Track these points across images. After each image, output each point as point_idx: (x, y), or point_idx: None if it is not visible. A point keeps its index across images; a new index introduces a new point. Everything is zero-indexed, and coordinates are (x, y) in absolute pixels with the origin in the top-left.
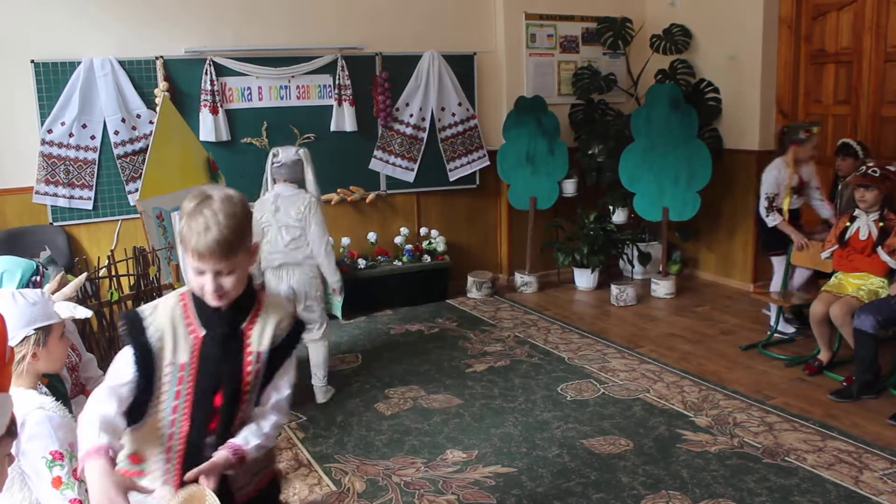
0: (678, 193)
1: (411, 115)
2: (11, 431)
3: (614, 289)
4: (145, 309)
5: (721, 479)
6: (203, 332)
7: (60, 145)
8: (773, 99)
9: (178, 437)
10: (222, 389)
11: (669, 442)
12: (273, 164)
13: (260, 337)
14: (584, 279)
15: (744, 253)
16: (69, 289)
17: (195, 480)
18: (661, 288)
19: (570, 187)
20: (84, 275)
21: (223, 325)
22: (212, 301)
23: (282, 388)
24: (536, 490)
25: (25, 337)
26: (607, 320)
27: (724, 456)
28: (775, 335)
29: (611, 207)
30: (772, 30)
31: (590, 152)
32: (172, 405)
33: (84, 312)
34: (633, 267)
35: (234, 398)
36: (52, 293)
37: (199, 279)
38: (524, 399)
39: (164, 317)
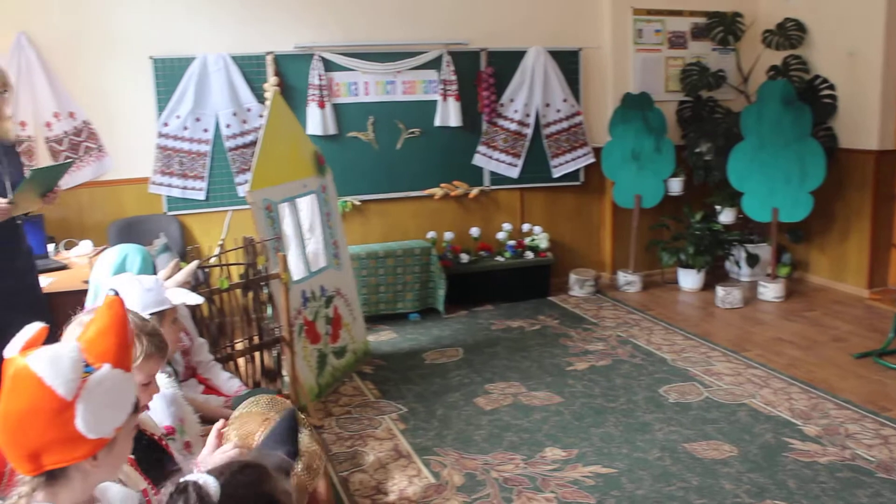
0: (790, 194)
1: (516, 111)
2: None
3: (720, 290)
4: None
5: (831, 491)
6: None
7: (175, 138)
8: (894, 96)
9: None
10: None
11: (776, 450)
12: None
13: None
14: (689, 280)
15: (858, 256)
16: (182, 275)
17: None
18: (770, 291)
19: (676, 186)
20: (195, 262)
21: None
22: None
23: None
24: (636, 492)
25: None
26: (712, 322)
27: (834, 468)
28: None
29: (717, 207)
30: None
31: (697, 150)
32: None
33: (196, 299)
34: (739, 268)
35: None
36: (166, 279)
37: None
38: (625, 399)
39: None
